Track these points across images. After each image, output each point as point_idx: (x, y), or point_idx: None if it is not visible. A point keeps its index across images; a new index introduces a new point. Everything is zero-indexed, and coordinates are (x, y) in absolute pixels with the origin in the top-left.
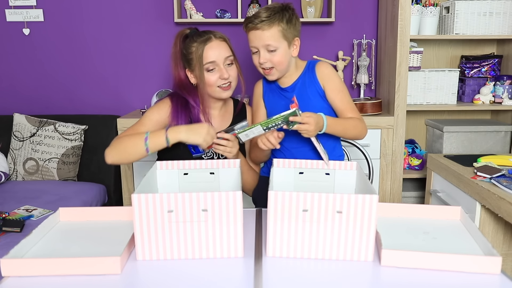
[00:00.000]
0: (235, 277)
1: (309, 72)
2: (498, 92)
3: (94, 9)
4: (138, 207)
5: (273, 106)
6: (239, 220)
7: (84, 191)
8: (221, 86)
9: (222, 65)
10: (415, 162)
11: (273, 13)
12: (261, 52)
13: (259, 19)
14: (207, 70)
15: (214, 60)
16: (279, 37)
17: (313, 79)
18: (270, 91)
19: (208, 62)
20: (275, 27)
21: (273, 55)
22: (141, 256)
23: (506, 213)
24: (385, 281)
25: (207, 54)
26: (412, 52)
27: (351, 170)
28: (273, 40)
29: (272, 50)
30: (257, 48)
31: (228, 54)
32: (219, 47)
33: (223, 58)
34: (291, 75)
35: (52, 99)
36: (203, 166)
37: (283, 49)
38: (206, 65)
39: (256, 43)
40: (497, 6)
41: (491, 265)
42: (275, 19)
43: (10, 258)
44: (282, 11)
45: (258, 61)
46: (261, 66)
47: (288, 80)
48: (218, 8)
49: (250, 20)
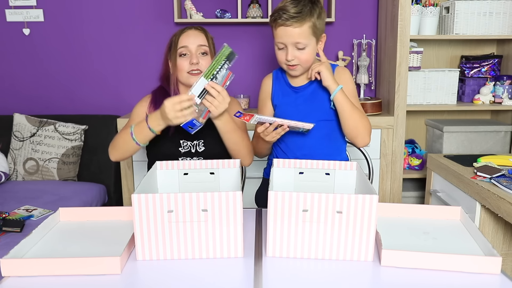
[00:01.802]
0: (235, 277)
1: None
2: (498, 92)
3: (94, 9)
4: (138, 207)
5: (283, 104)
6: (239, 220)
7: (84, 191)
8: (190, 71)
9: (194, 52)
10: (415, 162)
11: (304, 8)
12: (289, 49)
13: (288, 15)
14: (180, 54)
15: (187, 45)
16: (309, 34)
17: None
18: (280, 89)
19: (181, 46)
20: (306, 23)
21: (301, 53)
22: (141, 256)
23: (506, 213)
24: (385, 281)
25: (182, 39)
26: (412, 52)
27: (351, 170)
28: (304, 37)
29: (301, 48)
30: (285, 45)
31: (203, 43)
32: (194, 35)
33: (196, 45)
34: (304, 74)
35: (52, 99)
36: (203, 166)
37: (312, 46)
38: (179, 50)
39: (285, 39)
40: (497, 6)
41: (491, 265)
42: (306, 15)
43: (10, 258)
44: (312, 5)
45: (284, 57)
46: (288, 63)
47: (302, 79)
48: (218, 8)
49: (279, 15)
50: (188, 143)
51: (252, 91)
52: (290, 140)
